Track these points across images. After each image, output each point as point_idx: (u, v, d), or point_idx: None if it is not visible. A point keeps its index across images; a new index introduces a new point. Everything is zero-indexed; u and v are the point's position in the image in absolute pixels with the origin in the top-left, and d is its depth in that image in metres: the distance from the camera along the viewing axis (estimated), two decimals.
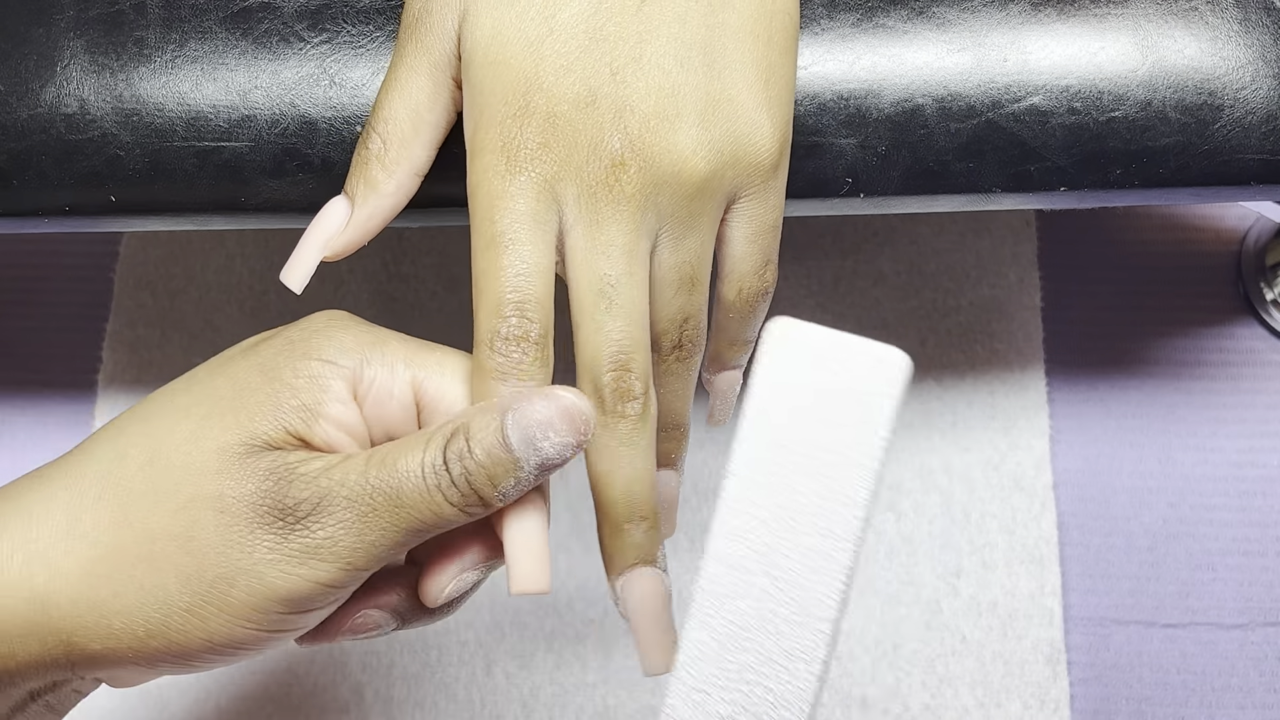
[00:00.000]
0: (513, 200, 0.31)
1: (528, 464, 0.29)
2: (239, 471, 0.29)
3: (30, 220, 0.40)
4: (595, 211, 0.31)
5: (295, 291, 0.35)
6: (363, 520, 0.29)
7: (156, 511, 0.29)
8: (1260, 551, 0.60)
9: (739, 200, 0.33)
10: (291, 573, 0.29)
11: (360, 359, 0.31)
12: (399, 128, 0.34)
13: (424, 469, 0.29)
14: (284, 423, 0.29)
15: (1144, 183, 0.38)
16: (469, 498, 0.29)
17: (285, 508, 0.28)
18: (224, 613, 0.29)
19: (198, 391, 0.30)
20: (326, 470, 0.29)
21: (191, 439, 0.29)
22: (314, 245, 0.35)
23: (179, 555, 0.28)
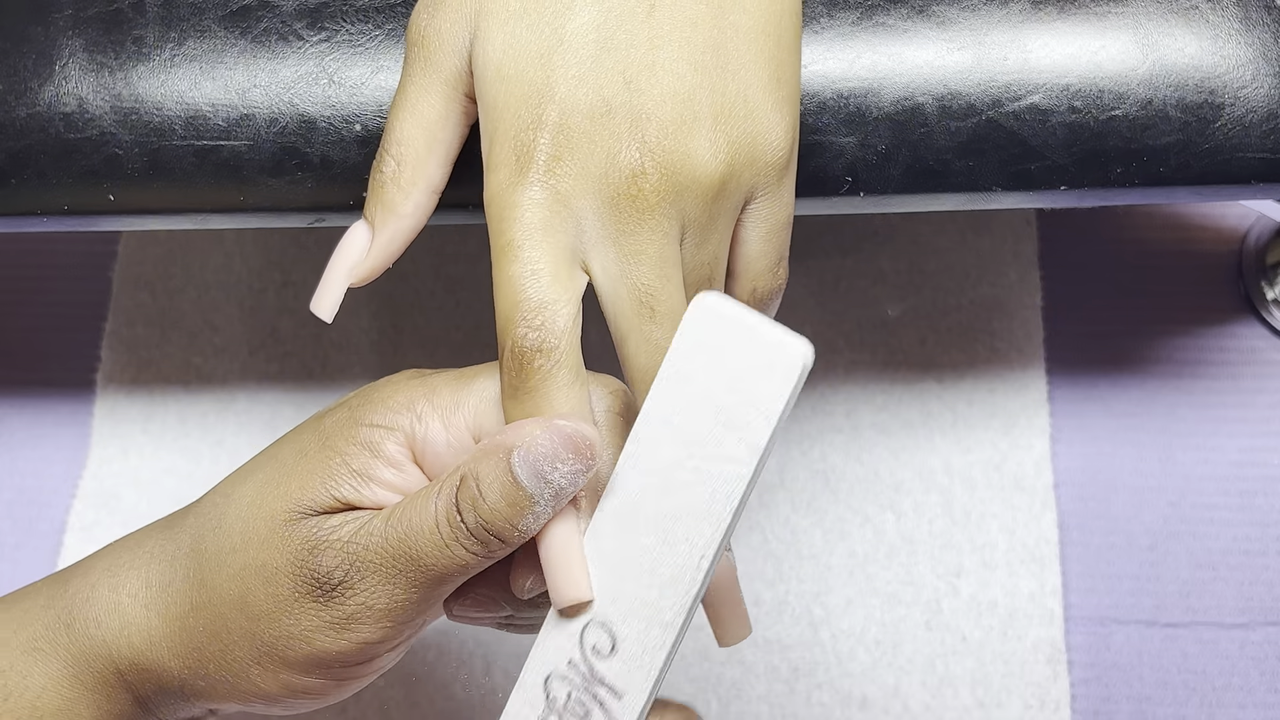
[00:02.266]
0: (523, 211, 0.31)
1: (542, 498, 0.29)
2: (281, 541, 0.30)
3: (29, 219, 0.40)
4: (621, 223, 0.31)
5: (326, 321, 0.35)
6: (390, 582, 0.29)
7: (220, 575, 0.30)
8: (1261, 551, 0.60)
9: (754, 200, 0.33)
10: (339, 638, 0.30)
11: (411, 418, 0.31)
12: (413, 148, 0.34)
13: (438, 523, 0.29)
14: (333, 491, 0.30)
15: (1145, 181, 0.38)
16: (489, 544, 0.29)
17: (319, 578, 0.29)
18: (289, 668, 0.30)
19: (269, 455, 0.32)
20: (354, 535, 0.29)
21: (250, 505, 0.31)
22: (339, 274, 0.35)
23: (239, 618, 0.30)
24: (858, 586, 0.60)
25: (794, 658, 0.59)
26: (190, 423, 0.65)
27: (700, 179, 0.32)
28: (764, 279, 0.35)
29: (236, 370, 0.66)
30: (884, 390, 0.64)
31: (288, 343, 0.67)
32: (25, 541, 0.64)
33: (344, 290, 0.35)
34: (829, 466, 0.62)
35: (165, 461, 0.64)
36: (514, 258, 0.31)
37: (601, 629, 0.29)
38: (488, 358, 0.33)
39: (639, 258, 0.31)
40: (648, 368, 0.31)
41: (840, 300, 0.65)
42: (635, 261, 0.31)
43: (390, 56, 0.38)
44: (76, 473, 0.64)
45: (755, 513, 0.62)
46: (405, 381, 0.32)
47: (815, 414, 0.64)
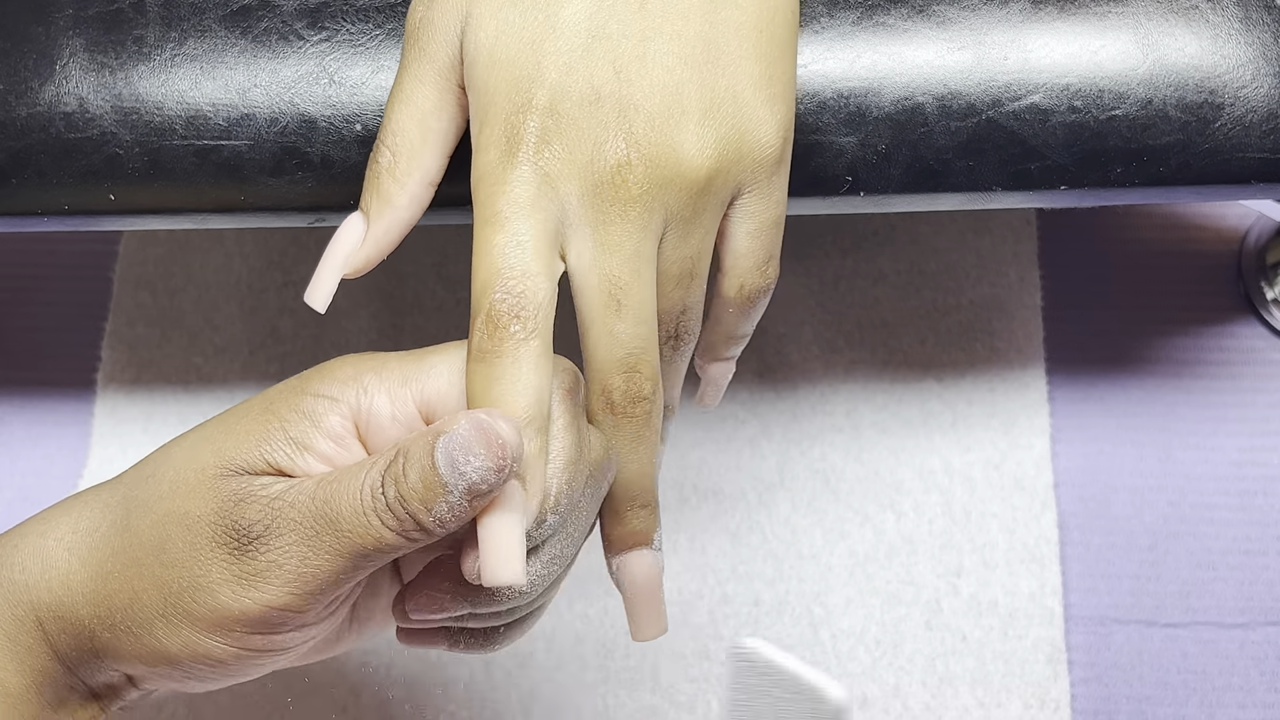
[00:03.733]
0: (512, 186, 0.31)
1: (455, 488, 0.28)
2: (207, 491, 0.30)
3: (29, 219, 0.40)
4: (601, 212, 0.31)
5: (319, 311, 0.35)
6: (306, 544, 0.29)
7: (144, 521, 0.31)
8: (1261, 551, 0.60)
9: (742, 196, 0.33)
10: (241, 595, 0.29)
11: (357, 390, 0.31)
12: (408, 139, 0.34)
13: (363, 492, 0.29)
14: (265, 454, 0.30)
15: (1145, 181, 0.38)
16: (405, 523, 0.29)
17: (239, 528, 0.29)
18: (192, 625, 0.30)
19: (214, 419, 0.32)
20: (282, 493, 0.29)
21: (184, 457, 0.31)
22: (334, 264, 0.35)
23: (154, 564, 0.30)
24: (858, 586, 0.60)
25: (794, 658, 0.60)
26: (191, 422, 0.65)
27: (685, 173, 0.32)
28: (751, 276, 0.35)
29: (237, 370, 0.66)
30: (884, 390, 0.64)
31: (288, 343, 0.67)
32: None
33: (338, 281, 0.35)
34: (829, 466, 0.63)
35: None
36: (500, 227, 0.31)
37: None
38: None
39: (614, 249, 0.31)
40: (606, 359, 0.32)
41: (840, 300, 0.65)
42: (609, 252, 0.31)
43: (391, 56, 0.38)
44: (77, 472, 0.65)
45: (755, 512, 0.62)
46: (355, 357, 0.32)
47: (815, 413, 0.64)
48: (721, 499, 0.62)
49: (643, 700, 0.59)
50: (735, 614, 0.60)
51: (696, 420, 0.64)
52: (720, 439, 0.63)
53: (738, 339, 0.37)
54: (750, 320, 0.36)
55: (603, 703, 0.59)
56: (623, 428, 0.32)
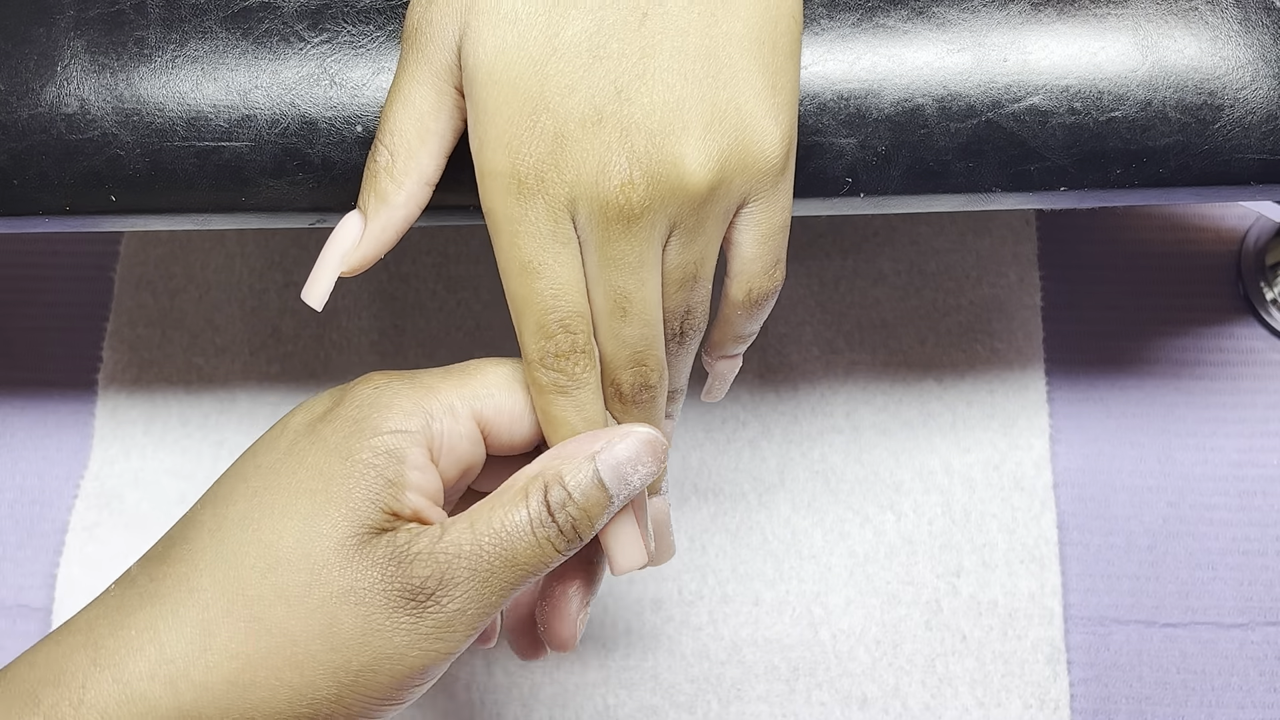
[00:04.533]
0: (533, 224, 0.32)
1: (619, 497, 0.32)
2: (362, 562, 0.30)
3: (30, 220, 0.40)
4: (606, 229, 0.32)
5: (316, 309, 0.35)
6: (484, 584, 0.31)
7: (293, 615, 0.30)
8: (1260, 551, 0.60)
9: (748, 204, 0.34)
10: (429, 650, 0.30)
11: (424, 418, 0.32)
12: (405, 139, 0.34)
13: (532, 524, 0.31)
14: (382, 505, 0.31)
15: (1144, 182, 0.39)
16: (573, 540, 0.32)
17: (413, 589, 0.30)
18: (369, 697, 0.30)
19: (285, 485, 0.31)
20: (436, 544, 0.31)
21: (305, 539, 0.30)
22: (331, 262, 0.35)
23: (324, 653, 0.30)
24: (858, 586, 0.60)
25: (794, 658, 0.60)
26: (192, 423, 0.65)
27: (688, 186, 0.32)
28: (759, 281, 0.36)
29: (238, 370, 0.66)
30: (884, 390, 0.64)
31: (289, 343, 0.67)
32: (27, 541, 0.64)
33: (335, 279, 0.35)
34: (829, 466, 0.63)
35: (167, 462, 0.64)
36: (538, 274, 0.32)
37: None
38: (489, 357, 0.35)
39: (618, 263, 0.32)
40: (614, 357, 0.34)
41: (840, 300, 0.65)
42: (614, 267, 0.32)
43: (391, 58, 0.38)
44: (78, 473, 0.65)
45: (755, 513, 0.62)
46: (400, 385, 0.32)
47: (815, 414, 0.64)
48: (721, 499, 0.62)
49: (643, 700, 0.59)
50: (735, 614, 0.60)
51: (697, 421, 0.64)
52: (721, 440, 0.63)
53: (745, 338, 0.38)
54: (757, 321, 0.37)
55: (603, 703, 0.59)
56: (631, 413, 0.35)
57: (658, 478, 0.37)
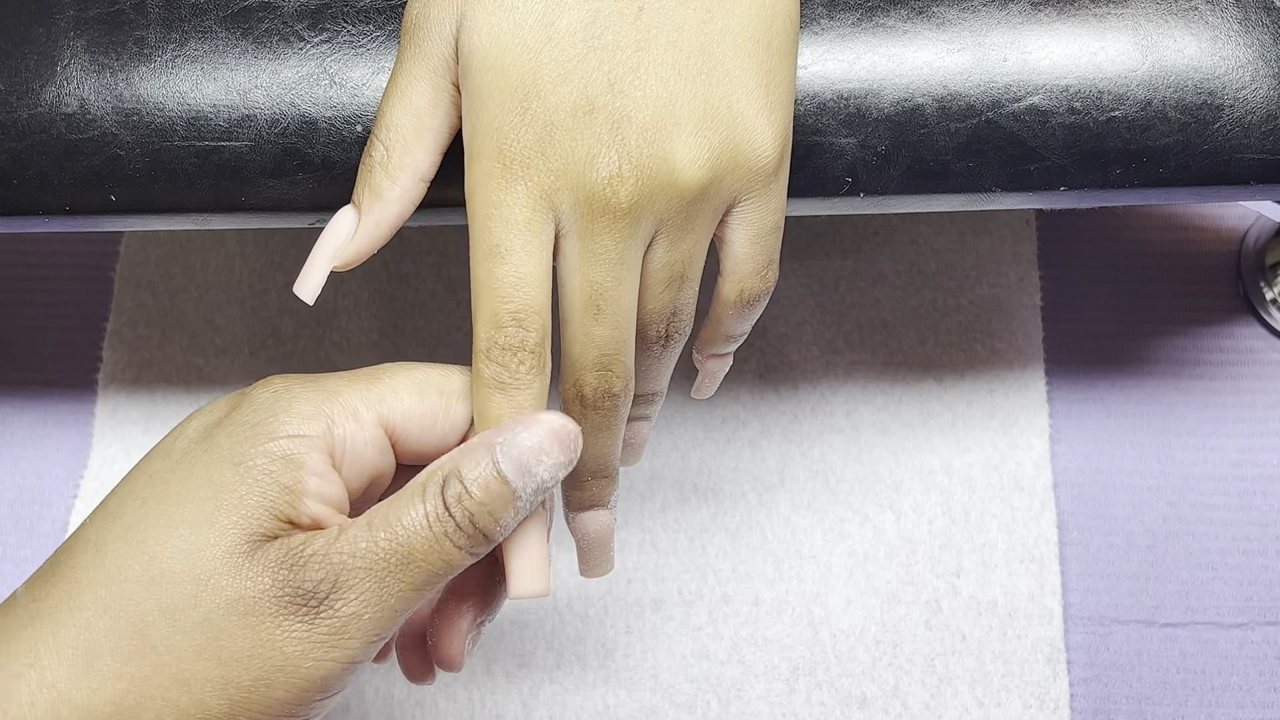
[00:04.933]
0: (509, 210, 0.31)
1: (524, 492, 0.30)
2: (251, 570, 0.28)
3: (30, 219, 0.40)
4: (591, 222, 0.32)
5: (308, 303, 0.35)
6: (380, 585, 0.29)
7: (178, 630, 0.28)
8: (1260, 551, 0.60)
9: (740, 204, 0.34)
10: (324, 659, 0.29)
11: (325, 422, 0.30)
12: (400, 134, 0.34)
13: (429, 519, 0.29)
14: (274, 511, 0.29)
15: (1144, 182, 0.39)
16: (474, 538, 0.30)
17: (306, 592, 0.28)
18: (265, 713, 0.29)
19: (174, 495, 0.30)
20: (331, 545, 0.29)
21: (191, 549, 0.29)
22: (324, 256, 0.35)
23: (212, 669, 0.28)
24: (857, 586, 0.60)
25: (794, 657, 0.60)
26: None
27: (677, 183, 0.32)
28: (751, 281, 0.35)
29: (238, 371, 0.66)
30: (884, 390, 0.64)
31: (289, 343, 0.67)
32: (27, 541, 0.64)
33: (327, 273, 0.35)
34: (829, 466, 0.63)
35: None
36: (504, 259, 0.31)
37: None
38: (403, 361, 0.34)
39: (599, 257, 0.32)
40: (581, 357, 0.33)
41: (840, 300, 0.65)
42: (593, 261, 0.32)
43: (391, 57, 0.38)
44: (78, 473, 0.65)
45: (755, 512, 0.62)
46: (300, 388, 0.31)
47: (815, 414, 0.64)
48: (721, 499, 0.62)
49: (643, 700, 0.59)
50: (735, 614, 0.60)
51: (697, 421, 0.64)
52: (720, 440, 0.63)
53: (735, 337, 0.38)
54: (749, 321, 0.37)
55: (603, 703, 0.59)
56: (590, 419, 0.34)
57: (606, 491, 0.36)
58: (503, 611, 0.61)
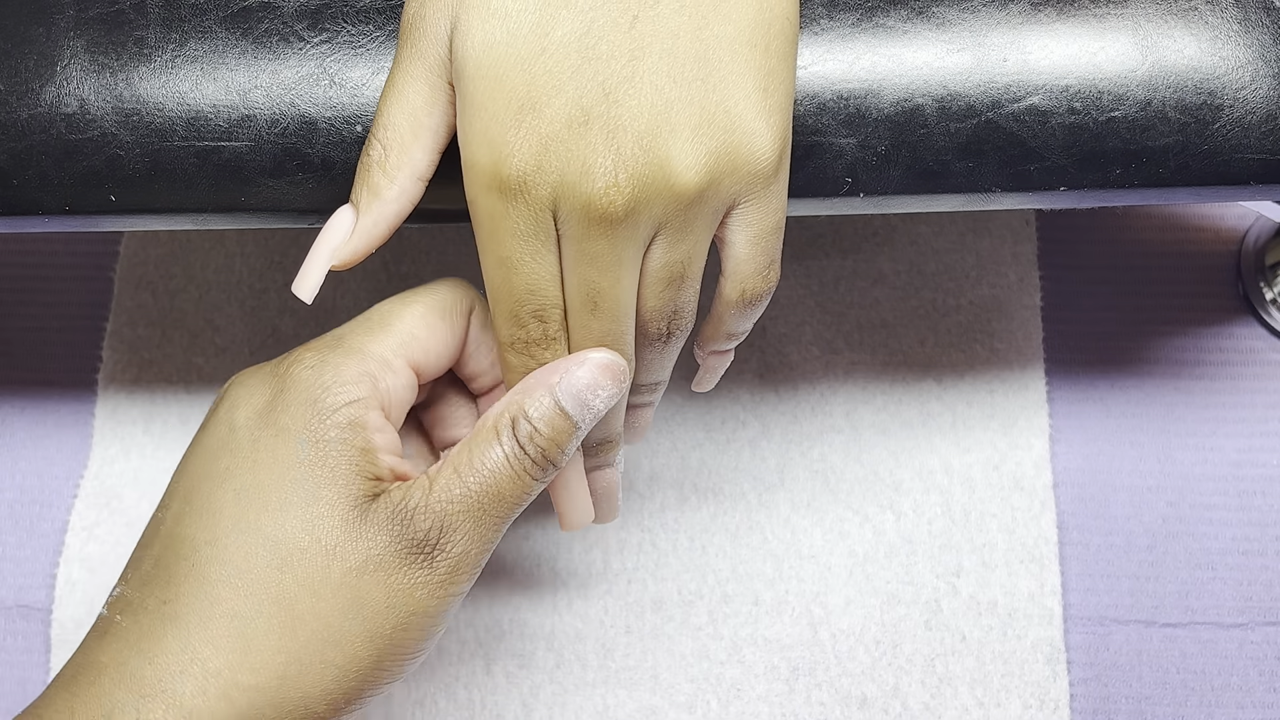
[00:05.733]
0: (513, 223, 0.32)
1: (584, 422, 0.34)
2: (368, 530, 0.32)
3: (30, 219, 0.40)
4: (587, 228, 0.32)
5: (306, 302, 0.36)
6: (479, 524, 0.33)
7: (320, 599, 0.31)
8: (1260, 551, 0.60)
9: (740, 206, 0.34)
10: (446, 595, 0.33)
11: (370, 382, 0.34)
12: (398, 133, 0.34)
13: (508, 459, 0.33)
14: (361, 472, 0.33)
15: (1144, 182, 0.38)
16: (545, 468, 0.34)
17: (419, 541, 0.32)
18: (402, 654, 0.33)
19: (265, 482, 0.32)
20: (429, 495, 0.33)
21: (310, 526, 0.32)
22: (322, 255, 0.35)
23: (356, 625, 0.32)
24: (857, 586, 0.60)
25: (794, 657, 0.60)
26: (192, 423, 0.65)
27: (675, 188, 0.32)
28: (753, 281, 0.36)
29: (238, 371, 0.66)
30: (884, 390, 0.64)
31: (289, 343, 0.67)
32: (27, 541, 0.64)
33: (325, 272, 0.36)
34: (829, 466, 0.63)
35: (167, 461, 0.64)
36: (515, 269, 0.33)
37: None
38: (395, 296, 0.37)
39: (595, 259, 0.33)
40: (580, 347, 0.35)
41: (840, 300, 0.65)
42: (589, 262, 0.33)
43: (390, 58, 0.38)
44: (78, 473, 0.65)
45: (755, 512, 0.62)
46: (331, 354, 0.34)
47: (815, 414, 0.64)
48: (721, 499, 0.62)
49: (643, 700, 0.59)
50: (735, 614, 0.60)
51: (697, 421, 0.64)
52: (720, 440, 0.63)
53: (737, 335, 0.38)
54: (750, 319, 0.37)
55: (603, 703, 0.59)
56: None
57: (611, 454, 0.39)
58: (502, 611, 0.61)
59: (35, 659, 0.61)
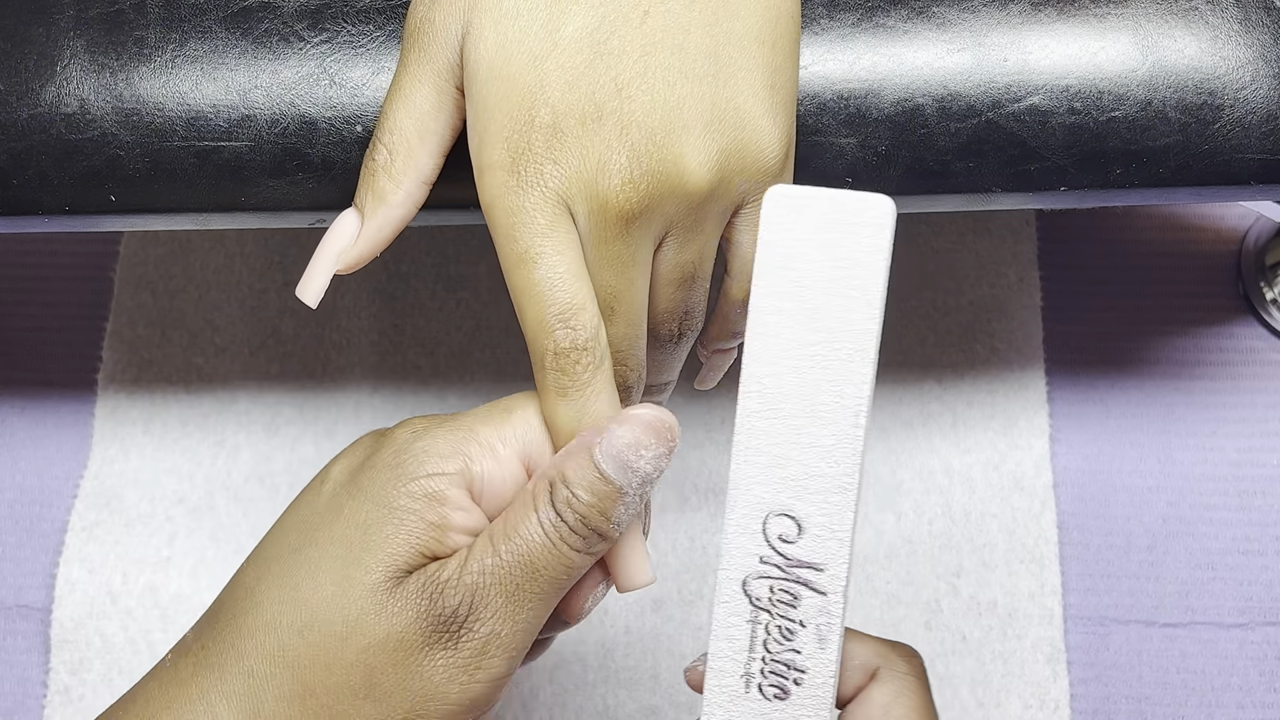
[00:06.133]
0: (530, 215, 0.31)
1: (630, 487, 0.30)
2: (395, 606, 0.29)
3: (30, 219, 0.40)
4: (603, 228, 0.32)
5: (310, 306, 0.35)
6: (511, 600, 0.29)
7: (332, 673, 0.29)
8: (1260, 551, 0.60)
9: (748, 204, 0.34)
10: (470, 682, 0.29)
11: (464, 460, 0.31)
12: (404, 138, 0.34)
13: (543, 528, 0.30)
14: (419, 547, 0.30)
15: (1144, 182, 0.38)
16: (589, 539, 0.30)
17: (445, 618, 0.29)
18: None
19: (321, 539, 0.31)
20: (463, 568, 0.30)
21: (339, 593, 0.29)
22: (326, 260, 0.35)
23: (367, 707, 0.29)
24: (858, 586, 0.60)
25: None
26: (192, 423, 0.65)
27: (687, 186, 0.32)
28: None
29: (238, 370, 0.66)
30: (883, 391, 0.64)
31: (289, 343, 0.67)
32: (27, 541, 0.64)
33: (330, 276, 0.35)
34: None
35: (167, 461, 0.64)
36: (535, 263, 0.31)
37: (782, 517, 0.30)
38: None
39: (610, 262, 0.32)
40: None
41: None
42: (605, 265, 0.32)
43: (391, 58, 0.38)
44: (78, 473, 0.65)
45: None
46: (436, 428, 0.32)
47: None
48: (722, 499, 0.62)
49: (643, 700, 0.59)
50: None
51: (697, 421, 0.64)
52: (721, 440, 0.63)
53: (741, 334, 0.38)
54: None
55: (603, 703, 0.59)
56: None
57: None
58: None
59: (35, 659, 0.61)
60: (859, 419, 0.30)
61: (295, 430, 0.65)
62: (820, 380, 0.30)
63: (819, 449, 0.30)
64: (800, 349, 0.30)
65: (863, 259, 0.29)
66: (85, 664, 0.61)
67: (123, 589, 0.62)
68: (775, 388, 0.30)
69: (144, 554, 0.62)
